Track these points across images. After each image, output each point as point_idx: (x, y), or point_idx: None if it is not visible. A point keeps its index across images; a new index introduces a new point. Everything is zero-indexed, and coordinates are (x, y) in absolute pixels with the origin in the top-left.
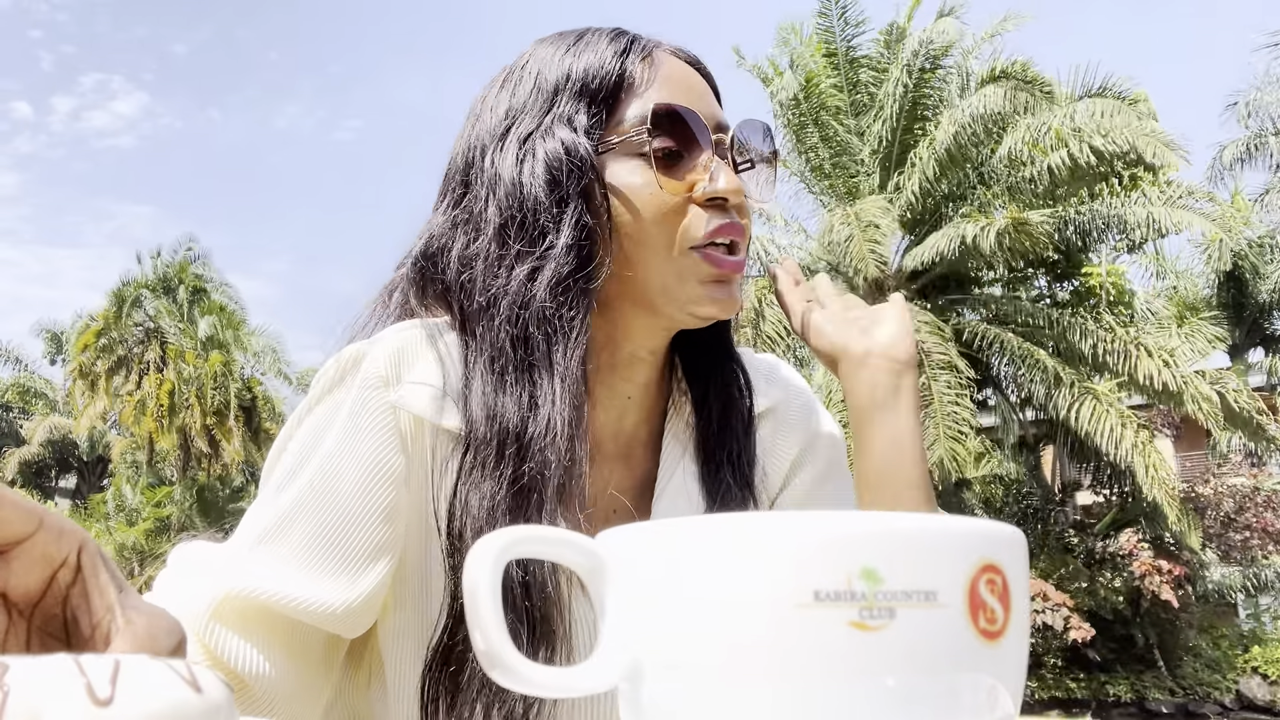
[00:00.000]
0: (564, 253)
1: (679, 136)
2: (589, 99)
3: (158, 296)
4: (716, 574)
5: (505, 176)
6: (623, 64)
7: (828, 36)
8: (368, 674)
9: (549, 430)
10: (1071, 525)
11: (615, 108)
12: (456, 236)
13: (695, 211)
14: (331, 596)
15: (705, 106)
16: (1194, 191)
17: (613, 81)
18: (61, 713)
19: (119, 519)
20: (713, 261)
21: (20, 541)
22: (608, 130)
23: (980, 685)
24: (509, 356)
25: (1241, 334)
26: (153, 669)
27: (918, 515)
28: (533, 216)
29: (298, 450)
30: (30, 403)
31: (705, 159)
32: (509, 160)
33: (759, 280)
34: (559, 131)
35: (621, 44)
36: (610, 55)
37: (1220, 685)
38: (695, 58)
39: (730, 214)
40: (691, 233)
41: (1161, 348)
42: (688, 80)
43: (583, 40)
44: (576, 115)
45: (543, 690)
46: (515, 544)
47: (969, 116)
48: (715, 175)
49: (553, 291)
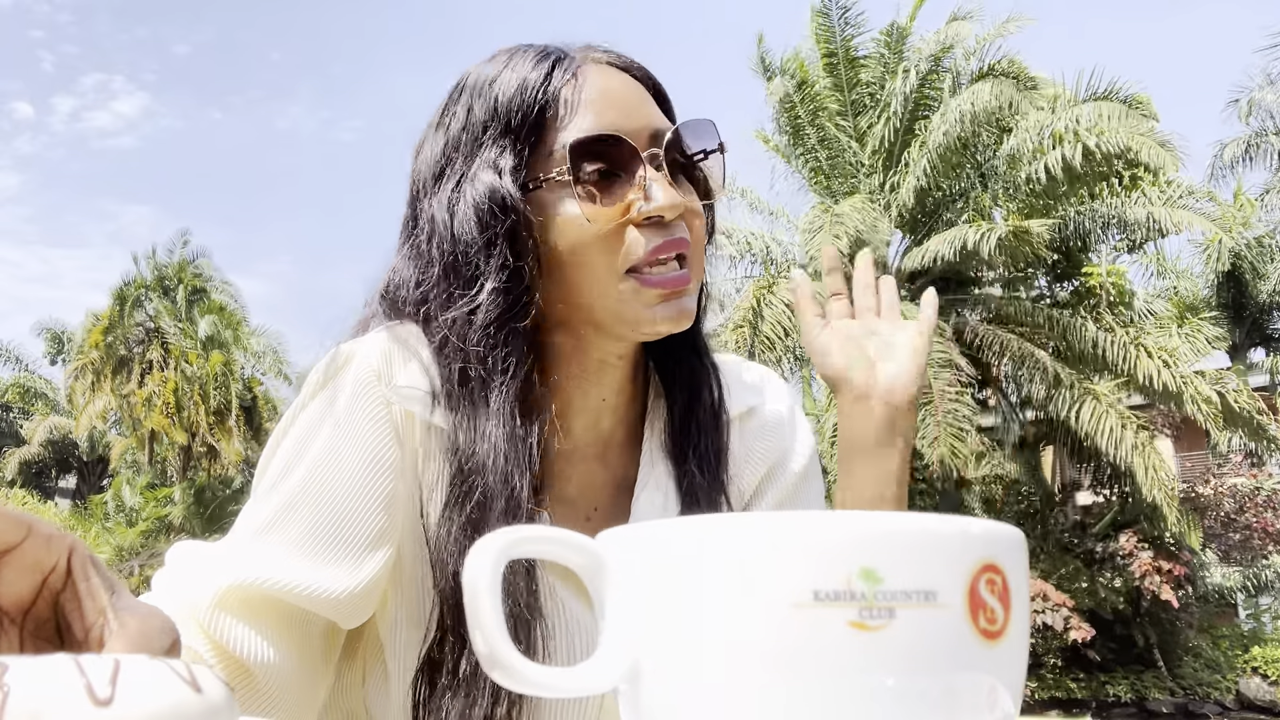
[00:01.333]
0: (491, 296)
1: (607, 160)
2: (513, 136)
3: (158, 296)
4: (716, 574)
5: (439, 219)
6: (544, 92)
7: (827, 36)
8: (361, 672)
9: (490, 461)
10: (1071, 525)
11: (541, 140)
12: (411, 272)
13: (633, 233)
14: (335, 583)
15: (636, 119)
16: (1194, 191)
17: (534, 114)
18: (62, 713)
19: (118, 519)
20: (653, 284)
21: (9, 550)
22: (535, 165)
23: (980, 685)
24: (455, 392)
25: (1241, 334)
26: (152, 669)
27: (917, 515)
28: (464, 259)
29: (292, 445)
30: (30, 403)
31: (639, 177)
32: (443, 202)
33: (758, 281)
34: (484, 175)
35: (545, 68)
36: (532, 83)
37: (1220, 685)
38: (630, 62)
39: (673, 228)
40: (631, 256)
41: (1161, 348)
42: (616, 94)
43: (509, 66)
44: (501, 156)
45: (543, 690)
46: (515, 544)
47: (957, 114)
48: (651, 193)
49: (484, 334)
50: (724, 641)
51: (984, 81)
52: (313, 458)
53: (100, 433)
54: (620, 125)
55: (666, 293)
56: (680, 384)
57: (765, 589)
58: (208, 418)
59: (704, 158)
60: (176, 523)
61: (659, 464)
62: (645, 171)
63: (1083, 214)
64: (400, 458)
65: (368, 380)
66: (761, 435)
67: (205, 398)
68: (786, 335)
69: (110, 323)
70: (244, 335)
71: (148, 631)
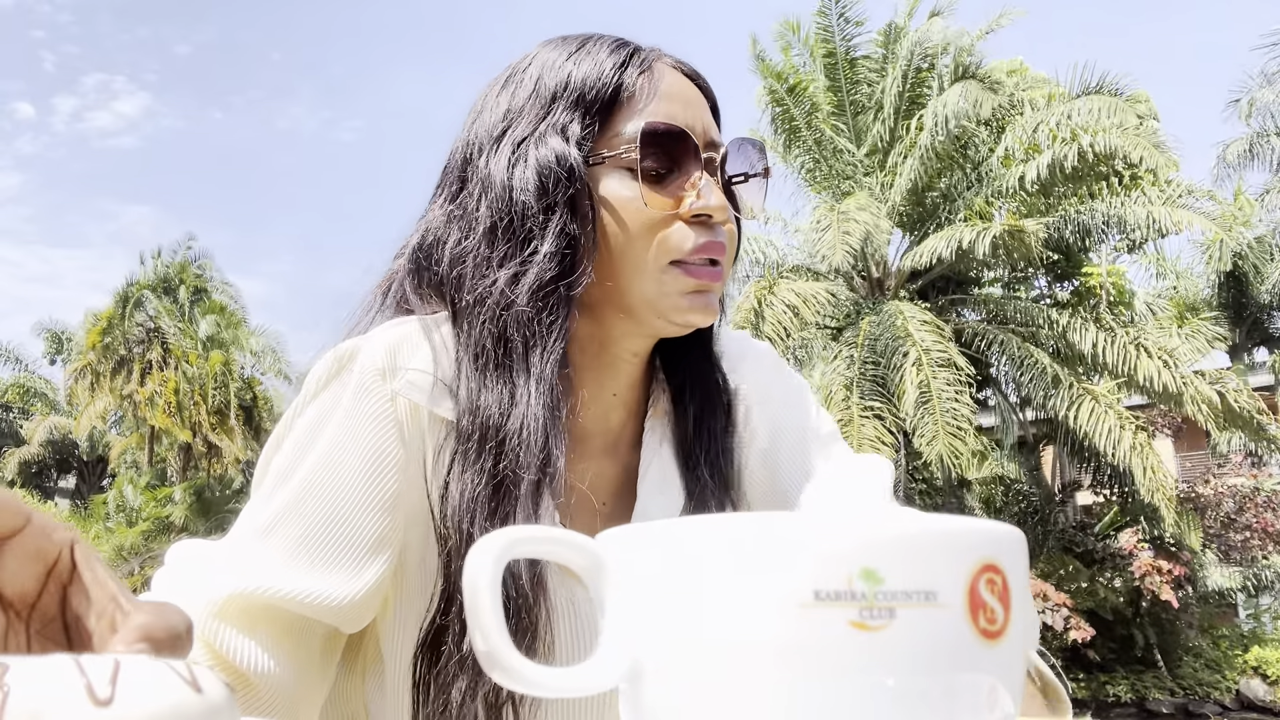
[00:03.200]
0: (546, 259)
1: (670, 153)
2: (584, 109)
3: (159, 296)
4: (717, 574)
5: (497, 178)
6: (620, 76)
7: (826, 36)
8: (362, 674)
9: (524, 429)
10: (1071, 525)
11: (610, 120)
12: (450, 231)
13: (680, 227)
14: (335, 589)
15: (699, 123)
16: (1194, 190)
17: (609, 94)
18: (62, 713)
19: (119, 519)
20: (692, 274)
21: (9, 537)
22: (601, 142)
23: (980, 685)
24: (490, 354)
25: (1242, 334)
26: (153, 669)
27: (918, 515)
28: (520, 221)
29: (294, 446)
30: (30, 403)
31: (695, 176)
32: (502, 163)
33: (758, 282)
34: (551, 139)
35: (622, 55)
36: (609, 66)
37: (1220, 685)
38: (695, 71)
39: (715, 231)
40: (675, 248)
41: (1161, 348)
42: (684, 95)
43: (584, 48)
44: (571, 124)
45: (543, 690)
46: (515, 544)
47: (933, 118)
48: (704, 193)
49: (533, 297)
50: (725, 641)
51: (958, 85)
52: (315, 460)
53: (100, 433)
54: (688, 123)
55: (702, 285)
56: (692, 387)
57: (766, 589)
58: (209, 417)
59: (744, 180)
60: (178, 523)
61: (659, 459)
62: (701, 171)
63: (1082, 214)
64: (404, 456)
65: (371, 379)
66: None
67: (205, 397)
68: (787, 335)
69: (110, 323)
70: (244, 335)
71: (164, 611)
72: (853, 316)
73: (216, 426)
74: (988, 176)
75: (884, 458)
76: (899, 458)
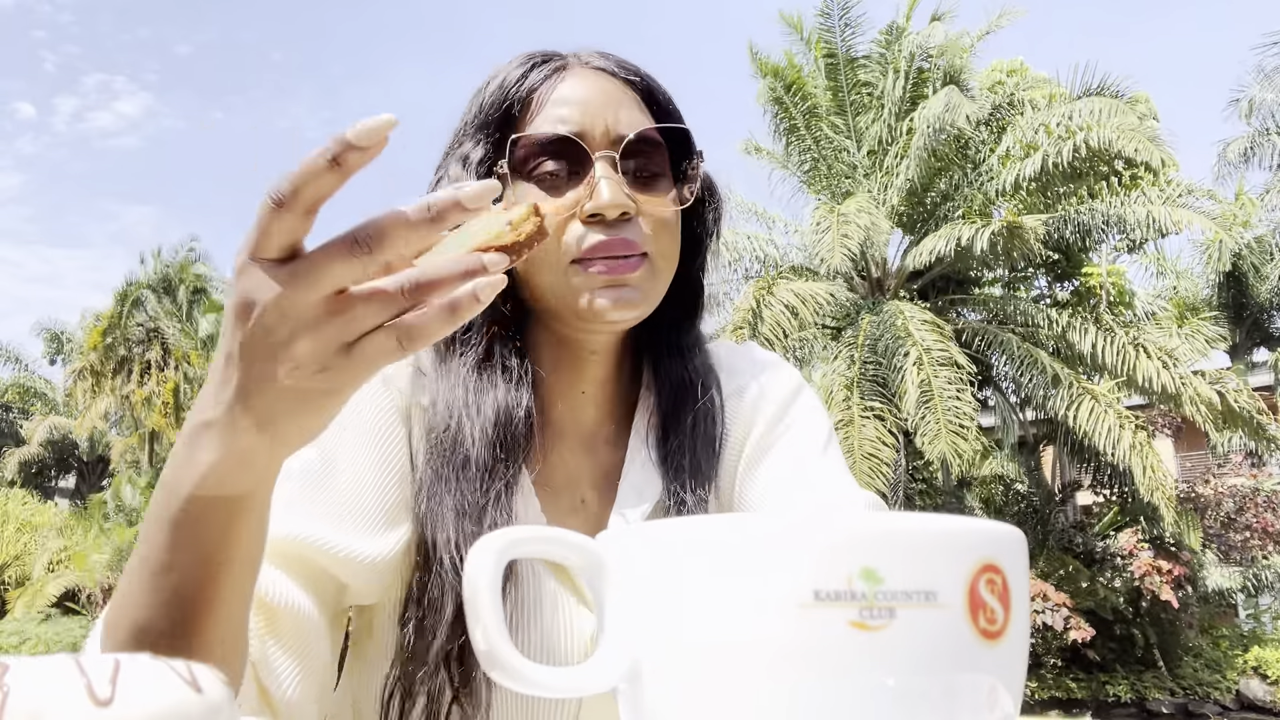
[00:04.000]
0: None
1: (564, 158)
2: (485, 131)
3: (159, 296)
4: (716, 574)
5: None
6: (518, 89)
7: (827, 36)
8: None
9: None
10: (1071, 525)
11: (506, 136)
12: None
13: (576, 227)
14: (366, 547)
15: (600, 122)
16: (1194, 190)
17: (502, 112)
18: (62, 712)
19: (118, 519)
20: (593, 270)
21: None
22: (503, 155)
23: (980, 685)
24: (431, 359)
25: (1241, 334)
26: (153, 669)
27: (918, 515)
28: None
29: None
30: (30, 403)
31: (591, 176)
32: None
33: (757, 282)
34: (453, 169)
35: (525, 68)
36: (510, 81)
37: (1220, 685)
38: (620, 65)
39: (619, 228)
40: (569, 249)
41: (1161, 348)
42: (585, 97)
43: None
44: (473, 150)
45: (543, 690)
46: (515, 544)
47: (924, 124)
48: (597, 192)
49: None
50: (724, 641)
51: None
52: (327, 436)
53: (100, 433)
54: (581, 125)
55: (612, 280)
56: (666, 381)
57: (766, 589)
58: None
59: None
60: None
61: (642, 457)
62: (596, 171)
63: (1082, 213)
64: (405, 434)
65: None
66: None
67: None
68: (785, 336)
69: (110, 323)
70: None
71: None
72: (852, 316)
73: None
74: (987, 175)
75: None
76: (899, 458)
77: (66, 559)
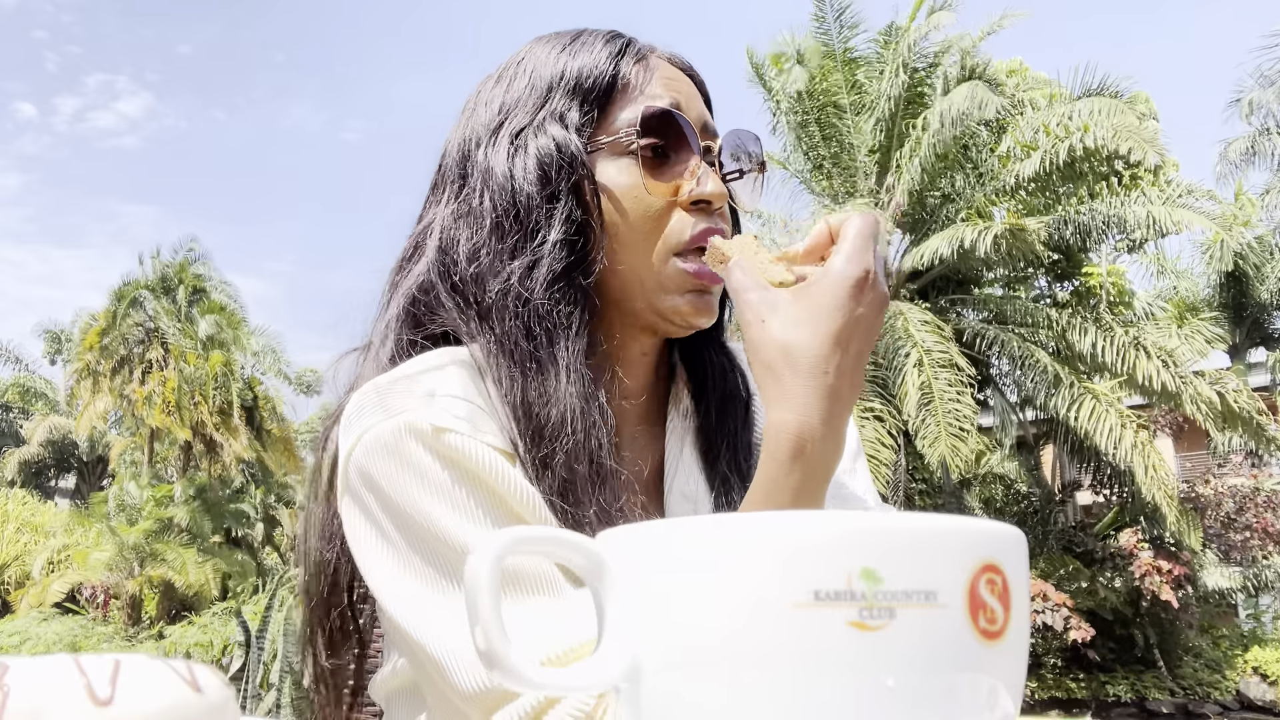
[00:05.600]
0: (556, 249)
1: (668, 140)
2: (581, 97)
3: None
4: (716, 574)
5: (498, 171)
6: (616, 65)
7: (824, 39)
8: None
9: (565, 423)
10: (1071, 525)
11: (607, 108)
12: (460, 229)
13: (680, 215)
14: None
15: (695, 112)
16: (1194, 190)
17: (605, 82)
18: (62, 712)
19: (119, 518)
20: (693, 273)
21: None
22: (599, 130)
23: (980, 685)
24: (522, 349)
25: (1242, 334)
26: (153, 669)
27: (918, 515)
28: (525, 212)
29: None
30: (30, 403)
31: (693, 163)
32: (501, 155)
33: None
34: (550, 128)
35: (616, 46)
36: (605, 56)
37: (1220, 685)
38: (688, 64)
39: (714, 218)
40: (675, 237)
41: (1161, 348)
42: (679, 85)
43: (578, 40)
44: (569, 112)
45: (543, 690)
46: (515, 544)
47: (938, 119)
48: (702, 179)
49: (548, 288)
50: (724, 641)
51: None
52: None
53: (100, 433)
54: (688, 114)
55: (702, 285)
56: (712, 383)
57: (765, 589)
58: (212, 416)
59: (739, 177)
60: (181, 522)
61: (683, 458)
62: (698, 159)
63: (1082, 213)
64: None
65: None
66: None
67: (206, 397)
68: None
69: (108, 323)
70: (244, 335)
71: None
72: None
73: (220, 426)
74: (988, 176)
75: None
76: (899, 459)
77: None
